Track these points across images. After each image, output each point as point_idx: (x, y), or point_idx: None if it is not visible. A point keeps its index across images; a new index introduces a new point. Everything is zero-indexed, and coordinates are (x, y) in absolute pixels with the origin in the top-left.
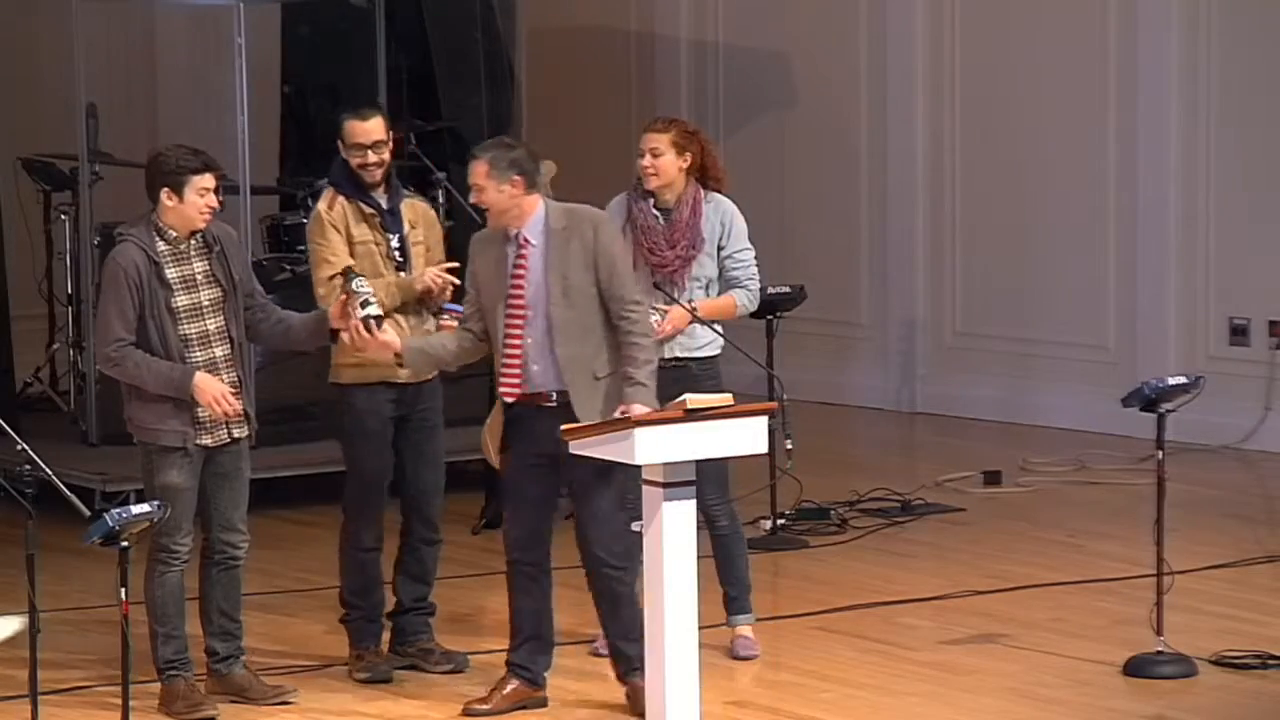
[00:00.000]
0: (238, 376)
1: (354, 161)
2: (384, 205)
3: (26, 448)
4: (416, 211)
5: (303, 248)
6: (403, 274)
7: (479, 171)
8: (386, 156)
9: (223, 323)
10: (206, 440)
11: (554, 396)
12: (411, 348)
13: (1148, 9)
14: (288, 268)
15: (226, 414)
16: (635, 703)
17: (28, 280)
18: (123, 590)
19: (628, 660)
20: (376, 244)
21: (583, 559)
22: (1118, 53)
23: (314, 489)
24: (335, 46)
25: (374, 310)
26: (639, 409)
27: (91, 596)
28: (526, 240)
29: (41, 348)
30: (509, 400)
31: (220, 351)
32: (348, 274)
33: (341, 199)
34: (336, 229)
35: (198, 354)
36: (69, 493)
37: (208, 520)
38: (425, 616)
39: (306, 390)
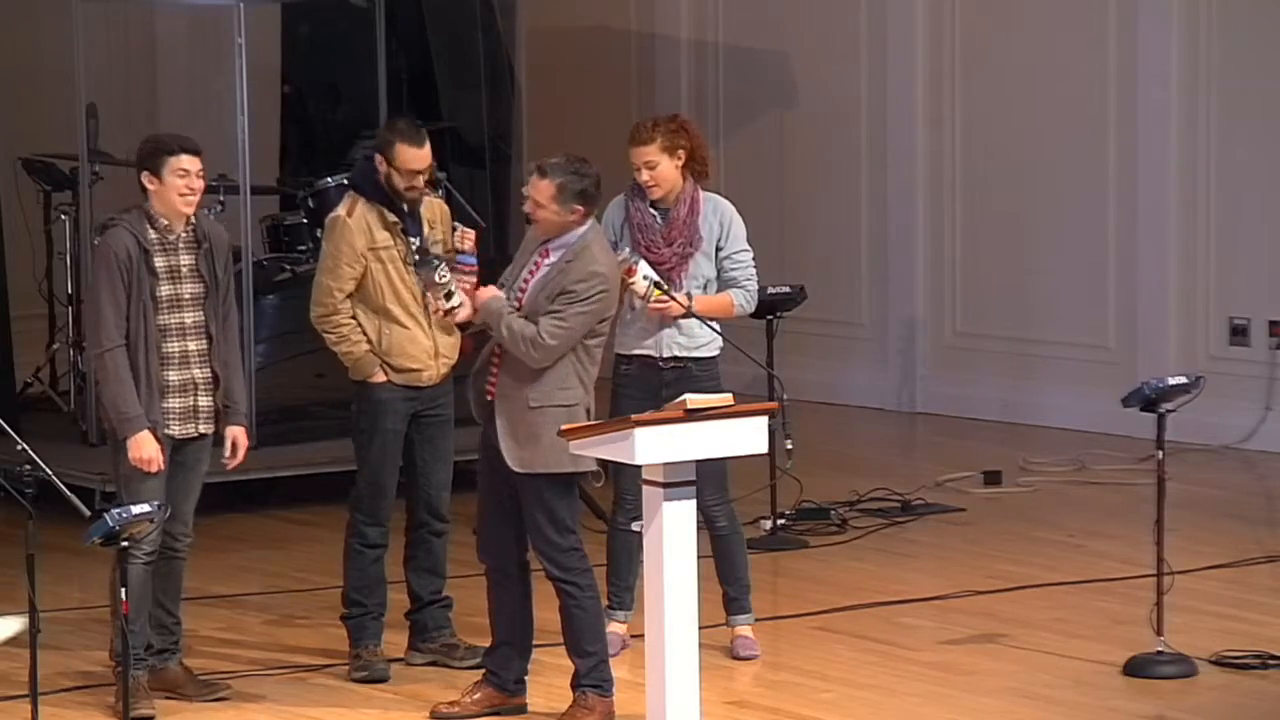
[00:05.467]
0: (212, 371)
1: (403, 185)
2: (405, 210)
3: (26, 448)
4: (434, 210)
5: (303, 247)
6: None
7: (545, 191)
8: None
9: (201, 318)
10: (175, 430)
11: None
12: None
13: (1148, 9)
14: (288, 268)
15: (149, 471)
16: (569, 715)
17: (28, 280)
18: (123, 590)
19: (575, 672)
20: (398, 249)
21: None
22: (1118, 53)
23: (314, 489)
24: (335, 46)
25: (456, 302)
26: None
27: (91, 596)
28: (548, 253)
29: (41, 348)
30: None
31: (195, 345)
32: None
33: (363, 204)
34: (356, 236)
35: (173, 345)
36: (69, 493)
37: None
38: (444, 610)
39: (306, 390)
